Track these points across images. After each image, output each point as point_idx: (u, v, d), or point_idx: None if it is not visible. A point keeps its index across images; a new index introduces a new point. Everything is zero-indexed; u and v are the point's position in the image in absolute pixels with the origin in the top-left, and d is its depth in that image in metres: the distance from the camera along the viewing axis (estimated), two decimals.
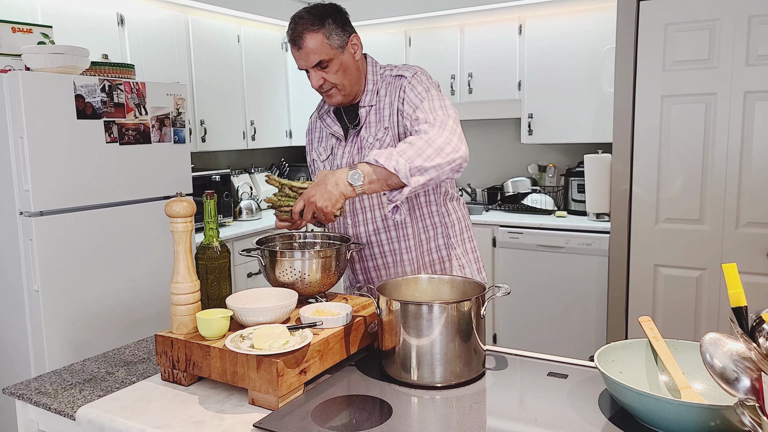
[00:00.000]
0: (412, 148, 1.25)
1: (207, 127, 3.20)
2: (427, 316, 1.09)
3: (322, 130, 1.58)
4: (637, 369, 1.08)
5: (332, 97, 1.45)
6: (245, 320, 1.15)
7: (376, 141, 1.44)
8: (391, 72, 1.48)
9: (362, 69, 1.47)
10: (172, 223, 1.14)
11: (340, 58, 1.40)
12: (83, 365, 1.32)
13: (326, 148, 1.55)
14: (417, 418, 0.99)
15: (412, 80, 1.42)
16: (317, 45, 1.36)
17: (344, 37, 1.40)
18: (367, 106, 1.47)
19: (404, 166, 1.22)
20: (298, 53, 1.39)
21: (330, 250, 1.30)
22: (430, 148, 1.25)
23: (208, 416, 1.00)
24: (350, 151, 1.49)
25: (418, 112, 1.37)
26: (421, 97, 1.39)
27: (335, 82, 1.41)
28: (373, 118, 1.46)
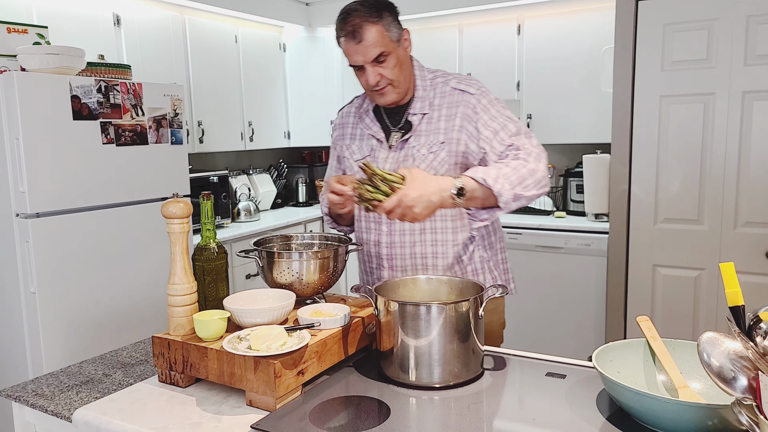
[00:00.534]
0: (516, 174, 1.25)
1: (205, 128, 3.20)
2: (425, 317, 1.08)
3: (357, 128, 1.51)
4: (635, 369, 1.07)
5: (386, 96, 1.38)
6: (243, 321, 1.15)
7: (430, 154, 1.38)
8: (446, 81, 1.42)
9: (411, 65, 1.42)
10: (168, 224, 1.14)
11: (397, 52, 1.35)
12: (80, 367, 1.31)
13: (362, 148, 1.48)
14: (415, 418, 0.98)
15: (481, 100, 1.37)
16: (377, 37, 1.30)
17: (400, 30, 1.37)
18: (419, 113, 1.40)
19: (508, 191, 1.23)
20: (355, 47, 1.32)
21: (328, 251, 1.29)
22: (531, 178, 1.27)
23: (206, 418, 1.00)
24: (395, 157, 1.41)
25: (505, 137, 1.33)
26: (500, 122, 1.35)
27: (392, 78, 1.35)
28: (425, 127, 1.39)
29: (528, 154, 1.31)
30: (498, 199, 1.24)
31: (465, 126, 1.37)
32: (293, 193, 4.00)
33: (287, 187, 4.02)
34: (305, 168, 4.06)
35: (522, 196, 1.26)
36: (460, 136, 1.37)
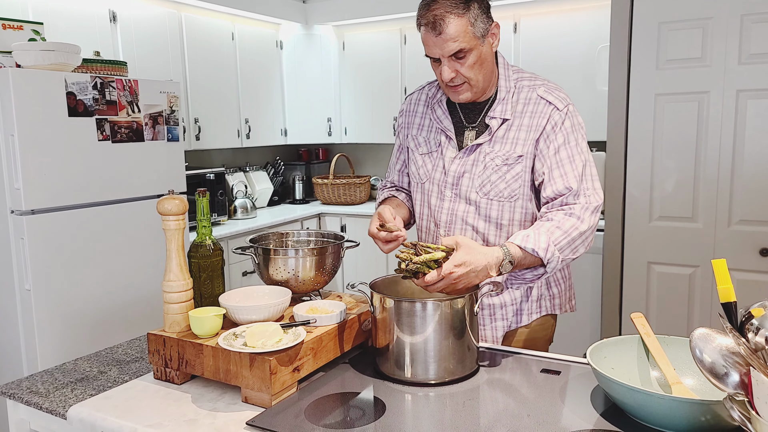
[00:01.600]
0: (567, 239, 1.18)
1: (201, 126, 3.19)
2: (420, 314, 1.09)
3: (425, 118, 1.39)
4: (629, 365, 1.08)
5: (460, 93, 1.27)
6: (238, 318, 1.15)
7: (505, 166, 1.28)
8: (532, 86, 1.30)
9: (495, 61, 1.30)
10: (164, 220, 1.14)
11: (480, 49, 1.22)
12: (75, 364, 1.31)
13: (429, 141, 1.37)
14: (411, 415, 0.99)
15: (566, 121, 1.26)
16: (460, 32, 1.18)
17: (488, 25, 1.23)
18: (499, 117, 1.29)
19: (557, 259, 1.17)
20: (434, 39, 1.20)
21: (324, 248, 1.29)
22: (580, 239, 1.20)
23: (201, 414, 1.00)
24: (464, 162, 1.31)
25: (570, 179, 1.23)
26: (571, 155, 1.24)
27: (468, 77, 1.24)
28: (503, 134, 1.28)
29: (584, 209, 1.21)
30: (547, 265, 1.17)
31: (540, 142, 1.26)
32: (290, 191, 3.99)
33: (284, 184, 4.01)
34: (302, 165, 4.05)
35: (570, 259, 1.20)
36: (535, 152, 1.27)
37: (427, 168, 1.38)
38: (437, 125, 1.37)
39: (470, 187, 1.32)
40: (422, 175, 1.40)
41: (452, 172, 1.34)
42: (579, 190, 1.24)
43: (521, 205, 1.31)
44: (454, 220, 1.35)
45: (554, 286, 1.41)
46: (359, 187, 3.74)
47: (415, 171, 1.42)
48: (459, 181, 1.33)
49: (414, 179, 1.43)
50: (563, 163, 1.25)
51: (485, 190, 1.31)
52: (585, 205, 1.23)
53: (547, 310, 1.40)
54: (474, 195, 1.32)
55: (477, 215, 1.33)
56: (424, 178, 1.39)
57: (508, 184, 1.29)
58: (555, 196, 1.25)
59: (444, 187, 1.35)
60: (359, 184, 3.74)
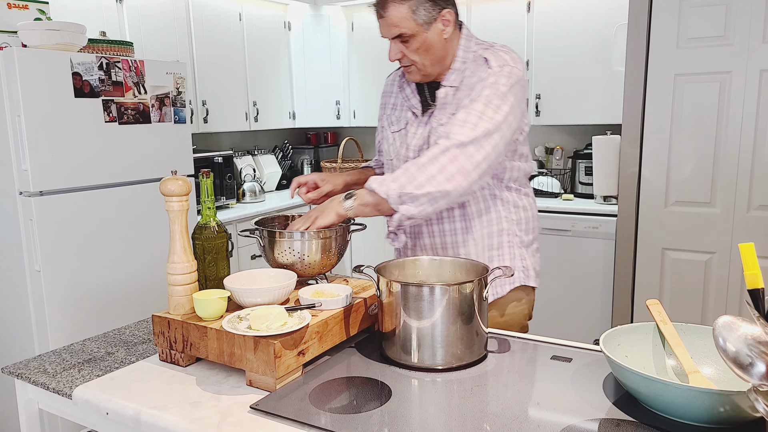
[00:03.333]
0: (406, 174, 1.19)
1: (209, 108, 3.16)
2: (428, 298, 1.06)
3: (399, 97, 1.45)
4: (644, 353, 1.05)
5: (411, 74, 1.34)
6: (243, 301, 1.13)
7: (440, 126, 1.31)
8: (485, 50, 1.32)
9: (451, 46, 1.31)
10: (167, 201, 1.12)
11: (424, 36, 1.26)
12: (83, 345, 1.31)
13: (400, 120, 1.43)
14: (417, 400, 0.96)
15: (491, 77, 1.25)
16: (400, 17, 1.23)
17: (433, 13, 1.25)
18: (449, 86, 1.33)
19: (395, 192, 1.18)
20: (380, 21, 1.28)
21: (330, 231, 1.27)
22: (422, 175, 1.18)
23: (205, 397, 0.99)
24: (422, 133, 1.36)
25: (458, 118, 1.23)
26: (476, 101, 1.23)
27: (414, 60, 1.29)
28: (451, 100, 1.32)
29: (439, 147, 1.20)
30: (389, 202, 1.19)
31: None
32: (298, 174, 3.97)
33: (292, 168, 3.99)
34: (310, 149, 4.02)
35: (414, 195, 1.17)
36: None
37: (395, 145, 1.43)
38: (406, 103, 1.42)
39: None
40: (392, 152, 1.44)
41: (413, 146, 1.38)
42: (449, 132, 1.22)
43: None
44: None
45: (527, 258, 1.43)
46: None
47: (387, 148, 1.46)
48: (419, 154, 1.37)
49: (385, 157, 1.48)
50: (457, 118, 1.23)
51: None
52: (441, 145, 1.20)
53: (521, 281, 1.42)
54: None
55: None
56: (393, 155, 1.44)
57: None
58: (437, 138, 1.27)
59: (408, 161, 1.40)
60: None
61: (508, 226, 1.40)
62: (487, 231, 1.39)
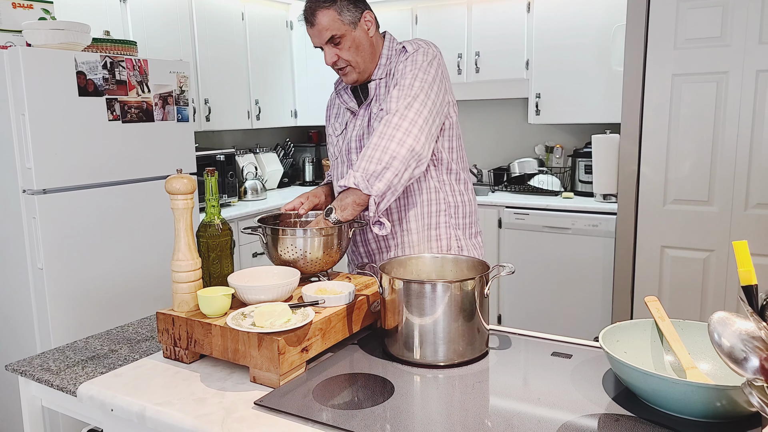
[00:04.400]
0: (364, 159, 1.28)
1: (211, 107, 3.18)
2: (430, 295, 1.07)
3: (339, 107, 1.58)
4: (642, 349, 1.06)
5: (347, 75, 1.46)
6: (247, 298, 1.14)
7: (380, 111, 1.43)
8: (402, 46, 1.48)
9: (377, 46, 1.47)
10: (172, 200, 1.13)
11: (353, 35, 1.40)
12: (86, 342, 1.32)
13: (342, 124, 1.56)
14: (419, 396, 0.98)
15: (411, 56, 1.41)
16: (329, 21, 1.37)
17: (356, 14, 1.40)
18: (377, 79, 1.47)
19: (360, 177, 1.26)
20: (311, 30, 1.41)
21: (332, 228, 1.28)
22: (376, 151, 1.28)
23: (210, 393, 1.00)
24: (360, 124, 1.49)
25: (391, 93, 1.36)
26: (403, 77, 1.37)
27: (348, 59, 1.42)
28: (383, 91, 1.46)
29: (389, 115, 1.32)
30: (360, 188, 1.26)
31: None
32: (300, 173, 3.99)
33: (294, 166, 4.00)
34: (312, 147, 4.03)
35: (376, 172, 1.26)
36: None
37: (339, 145, 1.55)
38: (345, 107, 1.54)
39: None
40: (336, 152, 1.56)
41: (354, 137, 1.49)
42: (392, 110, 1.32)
43: None
44: None
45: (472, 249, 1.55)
46: None
47: (334, 152, 1.57)
48: (359, 143, 1.48)
49: (332, 160, 1.59)
50: (392, 97, 1.35)
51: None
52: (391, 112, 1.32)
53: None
54: None
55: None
56: (337, 154, 1.56)
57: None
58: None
59: (350, 155, 1.50)
60: None
61: (446, 208, 1.52)
62: (427, 210, 1.50)
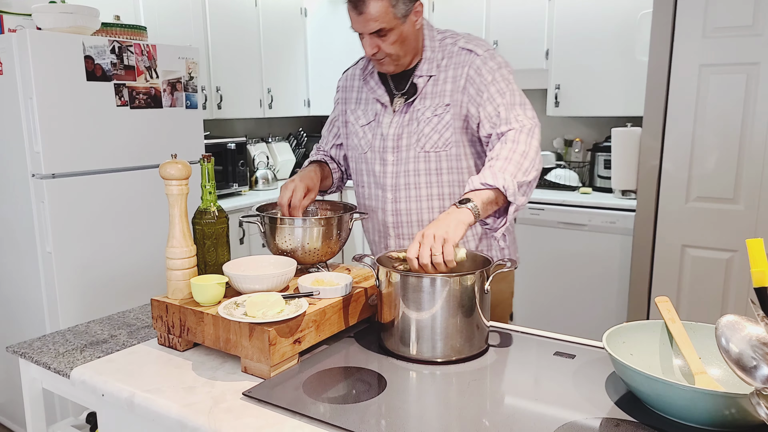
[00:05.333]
0: (510, 164, 1.19)
1: (223, 94, 3.17)
2: (428, 290, 1.04)
3: (362, 91, 1.46)
4: (650, 352, 1.01)
5: (383, 66, 1.34)
6: (241, 287, 1.12)
7: (435, 117, 1.33)
8: (455, 41, 1.36)
9: (421, 35, 1.36)
10: (166, 185, 1.11)
11: (401, 29, 1.28)
12: (87, 327, 1.32)
13: (367, 113, 1.43)
14: (413, 393, 0.95)
15: (488, 62, 1.31)
16: (380, 13, 1.23)
17: (409, 5, 1.28)
18: (425, 76, 1.35)
19: (512, 184, 1.17)
20: (356, 17, 1.27)
21: (331, 218, 1.25)
22: (524, 159, 1.21)
23: (200, 382, 0.98)
24: (400, 121, 1.37)
25: (500, 108, 1.27)
26: (500, 89, 1.29)
27: (390, 52, 1.30)
28: (431, 89, 1.35)
29: (518, 132, 1.25)
30: (506, 194, 1.17)
31: (468, 88, 1.32)
32: None
33: (306, 156, 3.99)
34: None
35: (524, 182, 1.21)
36: (463, 99, 1.32)
37: (368, 138, 1.43)
38: (372, 96, 1.43)
39: (409, 145, 1.37)
40: (364, 145, 1.44)
41: (391, 135, 1.38)
42: (509, 118, 1.27)
43: (456, 153, 1.35)
44: (398, 182, 1.39)
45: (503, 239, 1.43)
46: None
47: (357, 143, 1.46)
48: (398, 143, 1.37)
49: (356, 151, 1.47)
50: (493, 98, 1.29)
51: (421, 143, 1.36)
52: (518, 129, 1.26)
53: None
54: (413, 152, 1.37)
55: (418, 171, 1.37)
56: (366, 147, 1.44)
57: (441, 134, 1.34)
58: (490, 132, 1.30)
59: (385, 153, 1.39)
60: None
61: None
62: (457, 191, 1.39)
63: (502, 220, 1.22)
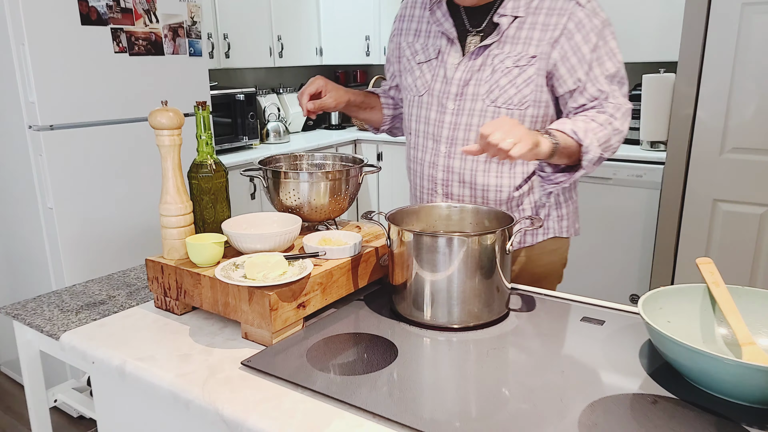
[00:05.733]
0: (603, 132, 1.09)
1: (231, 42, 3.01)
2: (443, 250, 0.94)
3: (424, 22, 1.26)
4: (690, 319, 0.91)
5: None
6: (241, 247, 1.04)
7: (516, 68, 1.13)
8: None
9: None
10: (157, 136, 1.01)
11: None
12: (85, 287, 1.26)
13: (427, 48, 1.23)
14: (427, 363, 0.87)
15: (593, 19, 1.11)
16: None
17: None
18: (510, 15, 1.13)
19: (596, 148, 1.08)
20: None
21: (339, 172, 1.15)
22: (615, 139, 1.12)
23: (196, 350, 0.92)
24: (469, 65, 1.17)
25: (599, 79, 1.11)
26: (600, 55, 1.11)
27: None
28: (514, 33, 1.13)
29: (617, 108, 1.12)
30: (583, 157, 1.08)
31: (562, 43, 1.11)
32: (326, 115, 3.82)
33: None
34: None
35: (603, 158, 1.11)
36: (553, 54, 1.12)
37: (425, 78, 1.24)
38: (437, 28, 1.22)
39: (476, 95, 1.18)
40: (420, 86, 1.26)
41: (456, 79, 1.19)
42: (609, 93, 1.14)
43: (531, 113, 1.17)
44: (456, 135, 1.22)
45: (563, 207, 1.29)
46: None
47: (412, 83, 1.27)
48: (463, 90, 1.19)
49: (410, 92, 1.29)
50: (592, 65, 1.13)
51: (493, 96, 1.16)
52: (616, 105, 1.13)
53: (554, 232, 1.29)
54: (480, 104, 1.18)
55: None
56: (422, 89, 1.25)
57: (519, 90, 1.15)
58: (586, 101, 1.15)
59: (446, 99, 1.21)
60: None
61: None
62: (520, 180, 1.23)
63: (559, 178, 1.12)
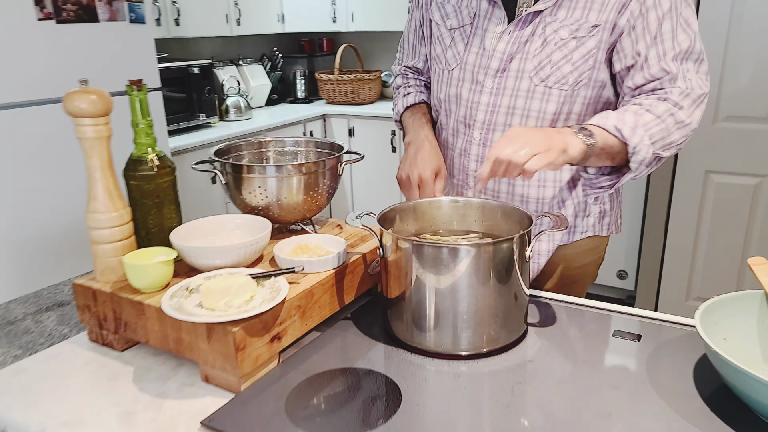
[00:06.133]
0: (660, 126, 0.88)
1: (180, 7, 2.69)
2: (449, 262, 0.75)
3: None
4: (747, 334, 0.77)
5: None
6: (197, 264, 0.83)
7: (573, 40, 0.93)
8: None
9: None
10: (76, 126, 0.78)
11: None
12: (6, 308, 1.04)
13: (460, 12, 1.02)
14: (438, 408, 0.69)
15: None
16: None
17: None
18: None
19: (647, 148, 0.87)
20: None
21: (316, 164, 0.94)
22: (676, 129, 0.90)
23: (141, 404, 0.71)
24: (516, 36, 0.96)
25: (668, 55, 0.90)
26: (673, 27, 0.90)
27: None
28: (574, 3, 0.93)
29: (684, 95, 0.90)
30: (631, 158, 0.88)
31: (632, 10, 0.90)
32: (291, 88, 3.54)
33: (283, 80, 3.55)
34: (304, 58, 3.55)
35: (661, 157, 0.90)
36: (619, 22, 0.91)
37: (457, 48, 1.03)
38: None
39: (521, 72, 0.97)
40: (450, 58, 1.05)
41: (499, 51, 0.98)
42: (678, 74, 0.91)
43: (585, 95, 0.97)
44: (494, 120, 1.01)
45: (607, 203, 1.10)
46: (369, 83, 3.28)
47: (441, 53, 1.06)
48: (507, 66, 0.98)
49: (438, 64, 1.07)
50: (663, 40, 0.91)
51: (543, 74, 0.96)
52: (685, 91, 0.90)
53: (594, 231, 1.09)
54: (526, 82, 0.97)
55: (527, 112, 0.99)
56: (453, 62, 1.04)
57: (576, 66, 0.94)
58: (646, 82, 0.93)
59: (483, 75, 1.00)
60: (369, 81, 3.27)
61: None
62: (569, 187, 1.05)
63: (603, 182, 0.92)
